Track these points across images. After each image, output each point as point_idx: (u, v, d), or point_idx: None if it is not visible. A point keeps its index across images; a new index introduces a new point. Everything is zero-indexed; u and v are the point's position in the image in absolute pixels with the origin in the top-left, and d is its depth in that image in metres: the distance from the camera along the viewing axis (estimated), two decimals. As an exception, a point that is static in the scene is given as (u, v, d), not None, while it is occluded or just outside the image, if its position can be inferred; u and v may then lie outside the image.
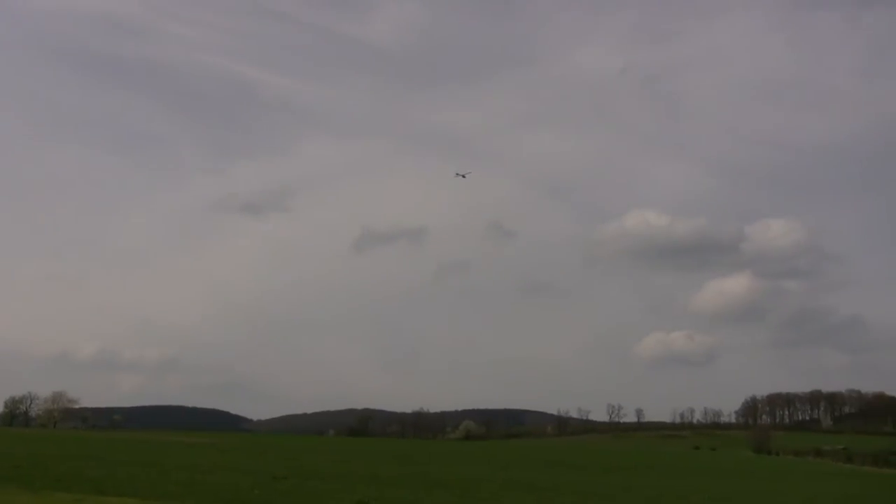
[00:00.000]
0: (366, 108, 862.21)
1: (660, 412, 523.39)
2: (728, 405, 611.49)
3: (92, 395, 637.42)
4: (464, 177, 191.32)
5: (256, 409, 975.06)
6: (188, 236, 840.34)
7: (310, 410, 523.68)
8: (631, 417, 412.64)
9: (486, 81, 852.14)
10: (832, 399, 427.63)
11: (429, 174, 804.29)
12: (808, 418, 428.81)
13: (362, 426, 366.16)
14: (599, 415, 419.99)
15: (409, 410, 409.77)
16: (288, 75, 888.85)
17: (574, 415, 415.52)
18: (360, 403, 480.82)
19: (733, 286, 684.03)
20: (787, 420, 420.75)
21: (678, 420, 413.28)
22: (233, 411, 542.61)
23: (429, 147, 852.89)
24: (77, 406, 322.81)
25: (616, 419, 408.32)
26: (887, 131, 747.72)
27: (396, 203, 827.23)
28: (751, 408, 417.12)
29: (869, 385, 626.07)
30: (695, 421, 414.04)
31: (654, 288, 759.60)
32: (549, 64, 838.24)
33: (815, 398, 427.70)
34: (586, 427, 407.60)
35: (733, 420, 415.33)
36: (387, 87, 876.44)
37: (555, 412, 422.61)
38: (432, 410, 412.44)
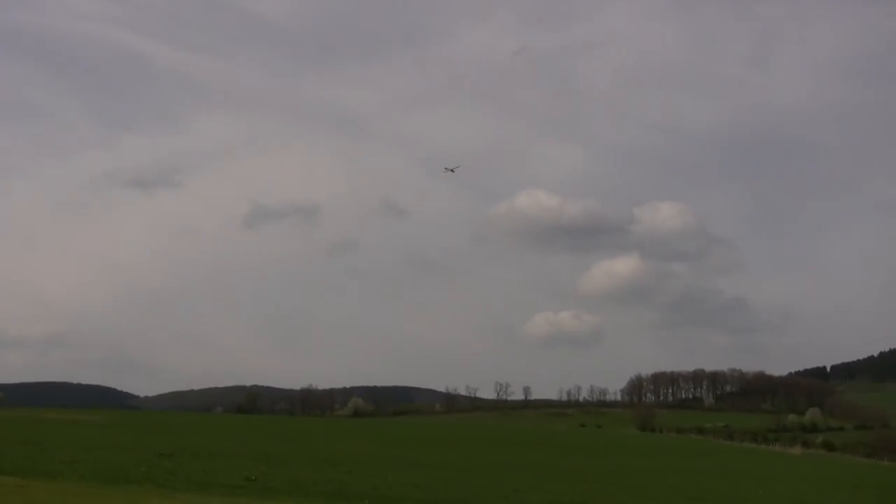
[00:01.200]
0: (259, 83, 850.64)
1: (547, 390, 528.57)
2: (614, 384, 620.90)
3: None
4: (453, 171, 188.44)
5: (144, 385, 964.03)
6: (74, 210, 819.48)
7: (198, 387, 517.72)
8: (518, 395, 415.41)
9: (380, 60, 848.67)
10: (714, 378, 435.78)
11: (321, 151, 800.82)
12: (691, 397, 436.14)
13: (251, 403, 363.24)
14: (487, 393, 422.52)
15: (297, 387, 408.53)
16: (180, 48, 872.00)
17: (462, 392, 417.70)
18: (248, 380, 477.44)
19: (621, 267, 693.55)
20: (670, 398, 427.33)
21: (565, 398, 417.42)
22: (120, 388, 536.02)
23: (322, 124, 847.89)
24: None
25: (503, 397, 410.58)
26: (773, 119, 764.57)
27: (288, 180, 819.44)
28: (636, 386, 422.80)
29: (750, 365, 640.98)
30: (581, 399, 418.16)
31: (543, 268, 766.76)
32: (443, 43, 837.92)
33: (698, 377, 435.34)
34: (474, 405, 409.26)
35: (619, 398, 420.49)
36: (280, 64, 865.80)
37: (443, 390, 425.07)
38: (321, 387, 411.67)
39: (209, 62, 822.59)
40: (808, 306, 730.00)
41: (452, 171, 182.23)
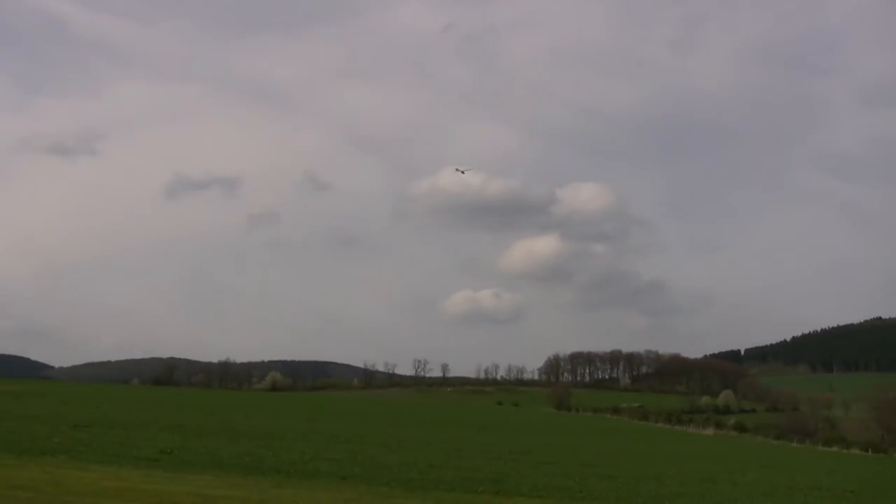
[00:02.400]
0: (183, 52, 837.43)
1: (465, 368, 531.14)
2: (532, 362, 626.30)
3: None
4: (463, 172, 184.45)
5: (59, 356, 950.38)
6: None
7: (114, 358, 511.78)
8: (436, 373, 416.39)
9: (306, 32, 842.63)
10: (631, 359, 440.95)
11: (245, 122, 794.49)
12: (607, 377, 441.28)
13: (167, 375, 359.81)
14: (405, 369, 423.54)
15: (215, 360, 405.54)
16: (102, 12, 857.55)
17: (380, 369, 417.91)
18: (165, 352, 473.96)
19: (542, 247, 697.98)
20: (587, 378, 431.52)
21: (483, 376, 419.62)
22: (34, 358, 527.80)
23: (246, 95, 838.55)
24: None
25: (421, 374, 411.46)
26: (695, 103, 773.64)
27: (211, 150, 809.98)
28: (553, 365, 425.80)
29: (666, 347, 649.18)
30: (499, 377, 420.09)
31: (464, 245, 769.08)
32: (370, 18, 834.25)
33: (614, 358, 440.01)
34: (392, 381, 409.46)
35: (536, 377, 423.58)
36: (205, 33, 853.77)
37: (361, 365, 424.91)
38: (239, 361, 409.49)
39: (132, 28, 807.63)
40: (723, 290, 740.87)
41: (463, 172, 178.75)
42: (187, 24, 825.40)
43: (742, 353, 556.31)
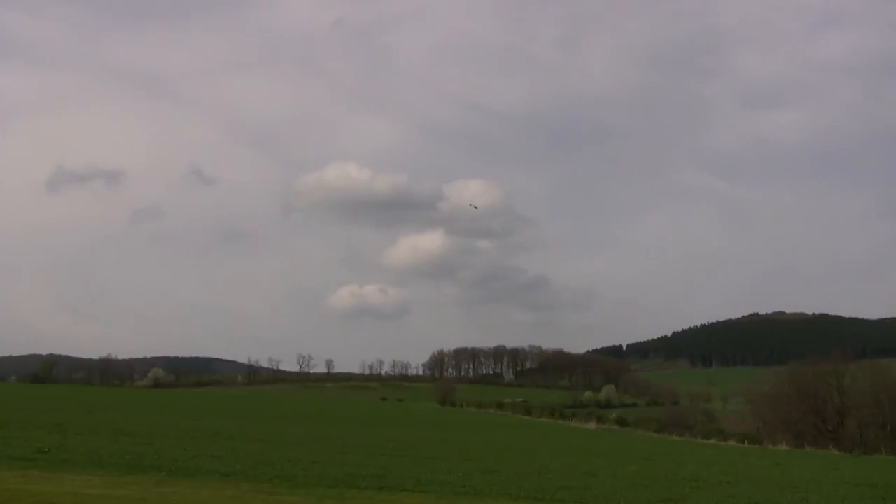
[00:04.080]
0: (66, 40, 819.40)
1: (350, 364, 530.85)
2: (417, 358, 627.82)
3: None
4: (476, 207, 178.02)
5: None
6: None
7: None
8: (321, 368, 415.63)
9: (194, 23, 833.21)
10: (515, 355, 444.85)
11: (129, 114, 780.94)
12: (491, 372, 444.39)
13: (46, 372, 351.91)
14: (290, 365, 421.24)
15: (96, 357, 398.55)
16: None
17: (265, 365, 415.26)
18: (44, 349, 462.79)
19: (428, 243, 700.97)
20: (472, 374, 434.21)
21: (368, 372, 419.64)
22: None
23: (130, 86, 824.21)
24: None
25: (306, 370, 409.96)
26: (580, 102, 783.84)
27: (94, 142, 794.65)
28: (438, 361, 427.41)
29: (549, 342, 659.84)
30: (384, 373, 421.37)
31: (350, 240, 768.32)
32: (259, 10, 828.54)
33: (499, 353, 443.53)
34: (276, 377, 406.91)
35: (421, 373, 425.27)
36: (89, 20, 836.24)
37: (245, 361, 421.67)
38: (121, 357, 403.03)
39: (12, 15, 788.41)
40: (606, 286, 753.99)
41: (476, 207, 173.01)
42: (70, 12, 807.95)
43: (624, 348, 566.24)
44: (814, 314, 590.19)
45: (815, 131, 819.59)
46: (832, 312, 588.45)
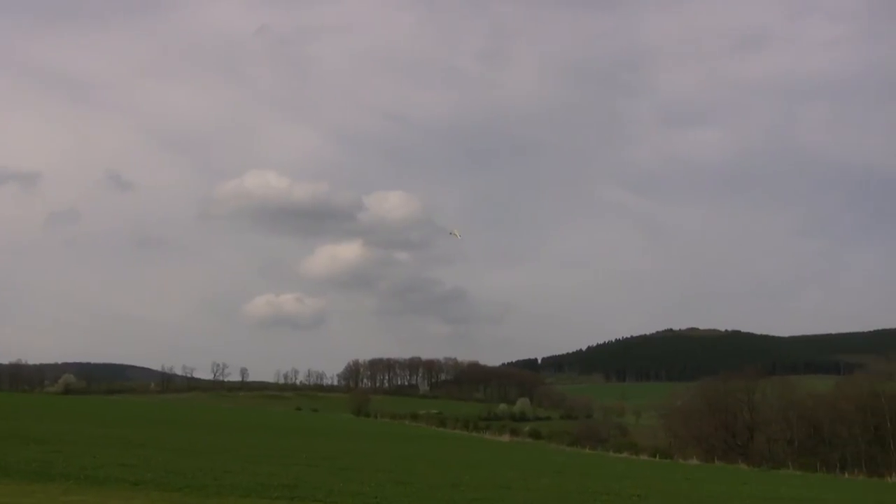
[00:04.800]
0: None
1: (265, 373, 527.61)
2: (332, 368, 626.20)
3: None
4: (458, 236, 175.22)
5: None
6: None
7: None
8: (236, 377, 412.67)
9: (114, 25, 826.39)
10: (430, 366, 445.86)
11: (45, 116, 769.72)
12: (406, 384, 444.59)
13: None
14: (204, 373, 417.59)
15: (5, 362, 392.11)
16: None
17: (178, 372, 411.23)
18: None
19: (346, 253, 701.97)
20: (387, 385, 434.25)
21: (282, 381, 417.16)
22: None
23: (47, 88, 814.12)
24: None
25: (220, 378, 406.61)
26: (502, 116, 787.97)
27: (9, 144, 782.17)
28: (353, 371, 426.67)
29: (465, 354, 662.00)
30: (298, 383, 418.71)
31: (268, 249, 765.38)
32: (182, 14, 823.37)
33: (414, 365, 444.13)
34: (190, 385, 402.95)
35: (336, 383, 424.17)
36: (7, 20, 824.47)
37: (159, 368, 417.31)
38: (31, 363, 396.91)
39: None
40: (523, 299, 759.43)
41: (458, 235, 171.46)
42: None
43: (539, 361, 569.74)
44: (727, 331, 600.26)
45: (733, 151, 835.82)
46: (744, 329, 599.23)
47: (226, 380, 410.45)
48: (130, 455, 49.05)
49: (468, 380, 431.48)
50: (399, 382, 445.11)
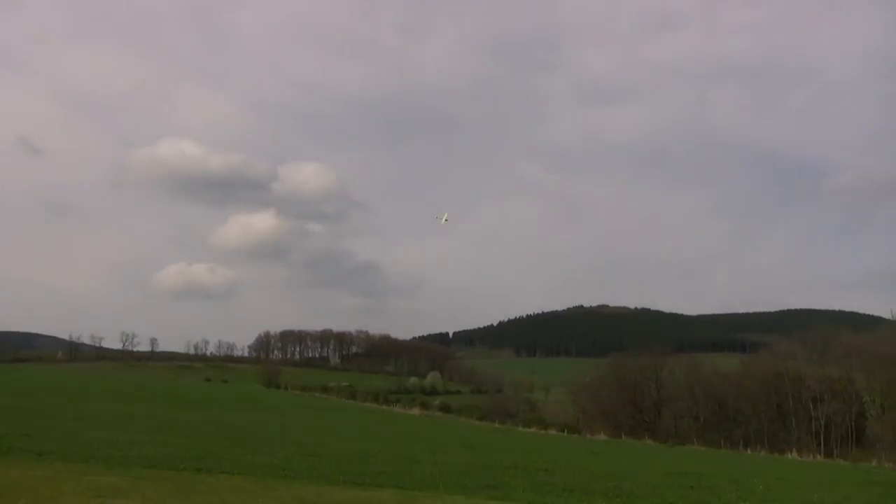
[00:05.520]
0: None
1: (175, 343, 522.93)
2: (243, 339, 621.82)
3: None
4: (445, 220, 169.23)
5: None
6: None
7: None
8: (145, 347, 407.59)
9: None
10: (342, 338, 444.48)
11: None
12: (318, 356, 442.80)
13: None
14: (113, 342, 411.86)
15: None
16: None
17: (86, 341, 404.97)
18: None
19: (260, 223, 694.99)
20: (297, 357, 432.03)
21: (192, 352, 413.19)
22: None
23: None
24: None
25: (129, 348, 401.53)
26: (418, 90, 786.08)
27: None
28: (263, 343, 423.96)
29: (376, 327, 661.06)
30: (209, 353, 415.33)
31: (181, 218, 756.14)
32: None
33: (325, 337, 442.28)
34: (98, 354, 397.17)
35: (246, 354, 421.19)
36: None
37: (66, 337, 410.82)
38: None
39: None
40: (436, 274, 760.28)
41: (445, 220, 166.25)
42: None
43: (450, 335, 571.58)
44: (636, 308, 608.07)
45: (647, 131, 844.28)
46: (654, 307, 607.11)
47: (135, 349, 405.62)
48: (34, 425, 48.36)
49: (379, 353, 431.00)
50: (310, 354, 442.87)
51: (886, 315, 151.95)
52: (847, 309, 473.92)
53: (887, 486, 47.84)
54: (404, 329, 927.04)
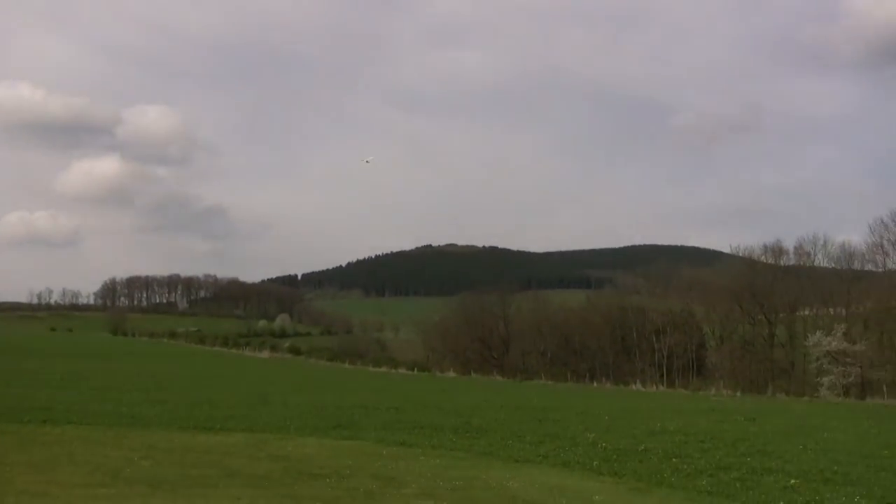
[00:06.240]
0: None
1: (17, 293, 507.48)
2: (88, 287, 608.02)
3: None
4: (367, 161, 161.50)
5: None
6: None
7: None
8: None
9: None
10: (189, 283, 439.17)
11: None
12: (165, 301, 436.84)
13: None
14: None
15: None
16: None
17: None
18: None
19: (104, 169, 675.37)
20: (145, 303, 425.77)
21: (35, 301, 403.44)
22: None
23: None
24: None
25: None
26: (263, 28, 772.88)
27: None
28: (109, 290, 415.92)
29: (225, 271, 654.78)
30: (52, 302, 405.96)
31: (19, 165, 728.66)
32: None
33: (172, 282, 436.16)
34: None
35: (92, 302, 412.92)
36: None
37: None
38: None
39: None
40: (283, 216, 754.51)
41: (367, 161, 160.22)
42: None
43: (299, 277, 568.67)
44: (484, 247, 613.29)
45: (495, 71, 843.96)
46: (501, 245, 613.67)
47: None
48: None
49: (228, 297, 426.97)
50: (157, 300, 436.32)
51: (726, 249, 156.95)
52: (688, 244, 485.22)
53: (725, 412, 49.85)
54: (253, 272, 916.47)
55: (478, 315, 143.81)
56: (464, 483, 20.02)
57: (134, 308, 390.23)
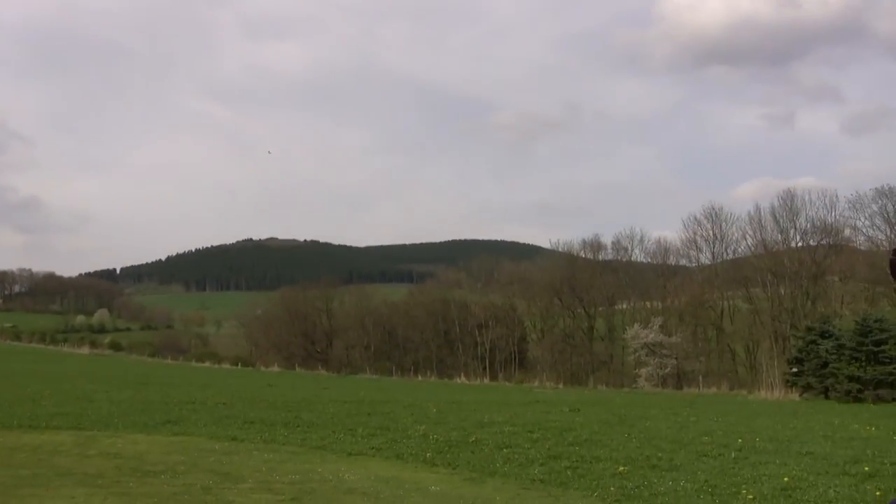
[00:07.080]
0: None
1: None
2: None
3: None
4: (269, 152, 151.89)
5: None
6: None
7: None
8: None
9: None
10: (3, 278, 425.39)
11: None
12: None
13: None
14: None
15: None
16: None
17: None
18: None
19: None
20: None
21: None
22: None
23: None
24: None
25: None
26: (81, 15, 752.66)
27: None
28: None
29: (40, 265, 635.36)
30: None
31: None
32: None
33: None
34: None
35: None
36: None
37: None
38: None
39: None
40: (102, 209, 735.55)
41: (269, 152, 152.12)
42: None
43: (118, 271, 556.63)
44: (305, 241, 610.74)
45: (315, 66, 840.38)
46: (323, 239, 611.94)
47: None
48: None
49: (44, 291, 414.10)
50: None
51: (545, 245, 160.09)
52: (508, 239, 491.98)
53: (548, 403, 50.96)
54: (70, 266, 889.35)
55: (300, 309, 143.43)
56: (300, 477, 20.10)
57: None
